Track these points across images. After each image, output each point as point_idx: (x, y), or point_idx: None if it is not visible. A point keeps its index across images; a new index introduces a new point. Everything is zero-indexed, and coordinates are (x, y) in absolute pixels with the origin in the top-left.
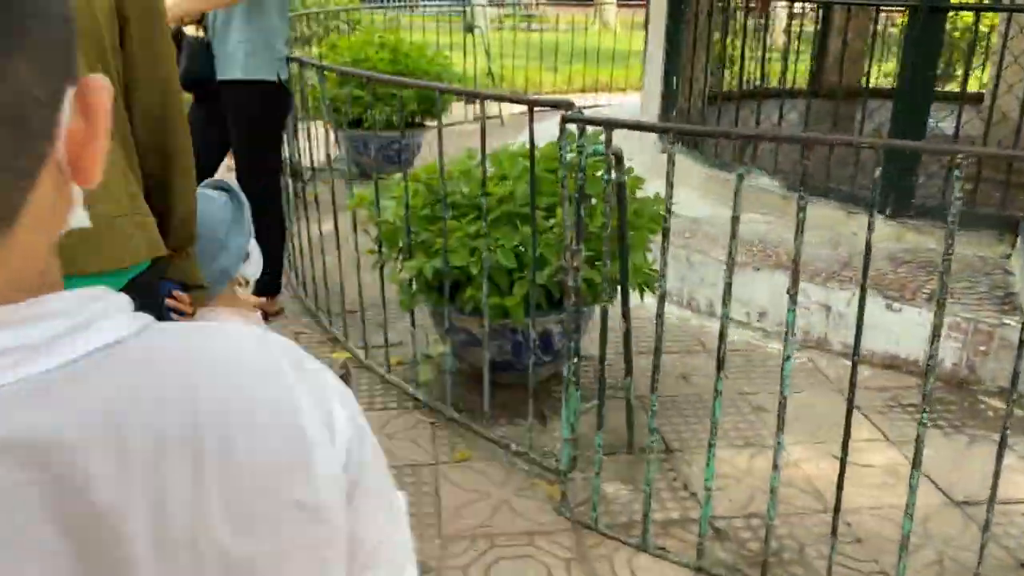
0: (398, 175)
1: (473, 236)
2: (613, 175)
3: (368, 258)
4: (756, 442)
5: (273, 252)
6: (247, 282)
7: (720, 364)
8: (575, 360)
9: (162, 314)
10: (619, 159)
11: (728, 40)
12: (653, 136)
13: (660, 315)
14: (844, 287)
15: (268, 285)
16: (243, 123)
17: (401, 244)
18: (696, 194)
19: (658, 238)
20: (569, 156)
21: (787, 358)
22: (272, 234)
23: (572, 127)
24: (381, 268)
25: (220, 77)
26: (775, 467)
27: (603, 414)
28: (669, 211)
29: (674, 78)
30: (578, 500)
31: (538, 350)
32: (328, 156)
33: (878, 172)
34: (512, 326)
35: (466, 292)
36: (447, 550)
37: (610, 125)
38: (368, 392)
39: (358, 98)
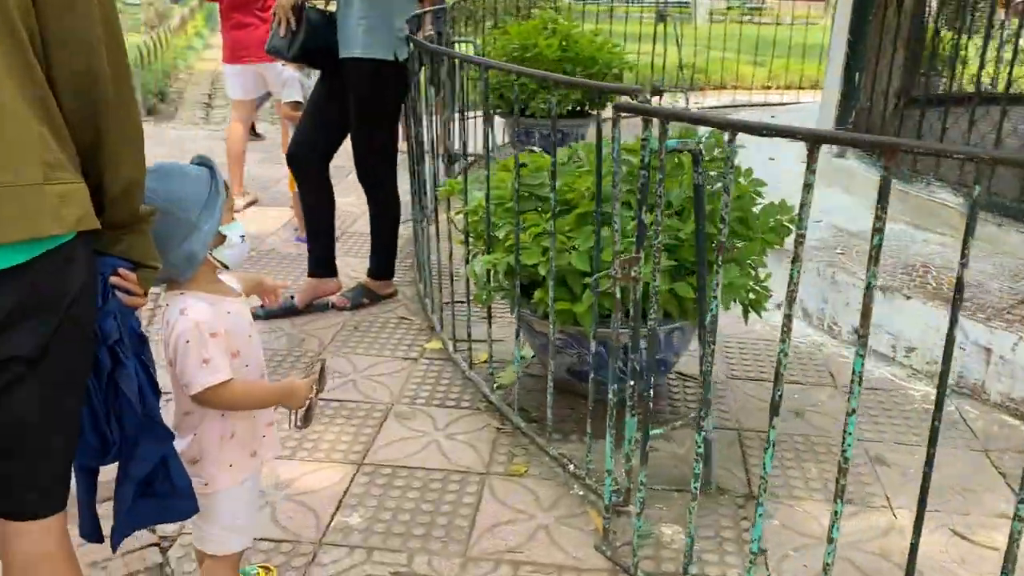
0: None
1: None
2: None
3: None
4: (859, 500)
5: (384, 235)
6: (224, 267)
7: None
8: (631, 383)
9: (105, 290)
10: (696, 157)
11: (946, 35)
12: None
13: (786, 330)
14: (1012, 328)
15: (380, 268)
16: (358, 101)
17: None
18: (860, 204)
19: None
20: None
21: (938, 407)
22: (384, 217)
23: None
24: (466, 261)
25: (341, 54)
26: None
27: (647, 449)
28: (797, 222)
29: (856, 75)
30: (627, 538)
31: (621, 364)
32: (487, 142)
33: None
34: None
35: (537, 294)
36: (466, 570)
37: (663, 116)
38: (446, 388)
39: (523, 85)
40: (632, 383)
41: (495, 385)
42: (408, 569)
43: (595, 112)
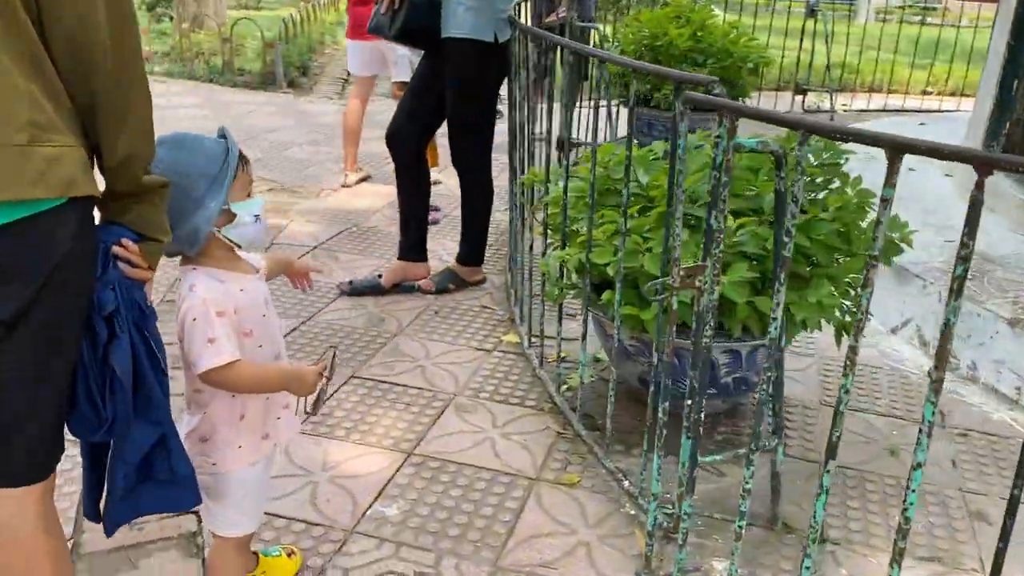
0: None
1: (628, 232)
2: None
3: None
4: (949, 560)
5: (475, 220)
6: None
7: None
8: (689, 403)
9: (106, 260)
10: (778, 160)
11: None
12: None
13: (850, 364)
14: None
15: (469, 254)
16: (455, 82)
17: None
18: (1006, 224)
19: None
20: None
21: None
22: (476, 201)
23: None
24: (543, 253)
25: (442, 33)
26: None
27: (694, 476)
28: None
29: (1014, 83)
30: (670, 568)
31: (674, 379)
32: (594, 133)
33: None
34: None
35: (605, 295)
36: None
37: (729, 111)
38: (513, 384)
39: (645, 75)
40: (689, 402)
41: (562, 387)
42: (434, 571)
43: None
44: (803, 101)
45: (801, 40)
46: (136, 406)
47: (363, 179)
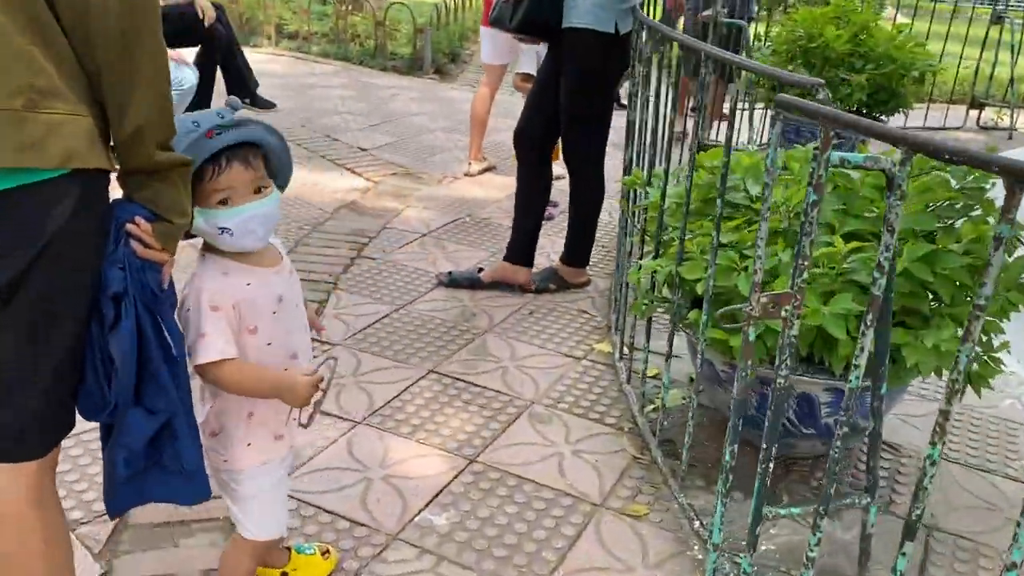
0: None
1: (726, 247)
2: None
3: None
4: None
5: (583, 219)
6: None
7: None
8: (764, 446)
9: (117, 237)
10: (890, 180)
11: None
12: None
13: (940, 431)
14: None
15: (573, 254)
16: (573, 72)
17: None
18: None
19: None
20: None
21: None
22: (584, 200)
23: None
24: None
25: (563, 23)
26: None
27: (757, 532)
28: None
29: None
30: None
31: (792, 416)
32: (728, 139)
33: None
34: (763, 375)
35: (692, 315)
36: None
37: (825, 119)
38: (596, 397)
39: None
40: (765, 447)
41: (647, 407)
42: None
43: (884, 118)
44: (978, 116)
45: (982, 49)
46: (141, 392)
47: (487, 169)
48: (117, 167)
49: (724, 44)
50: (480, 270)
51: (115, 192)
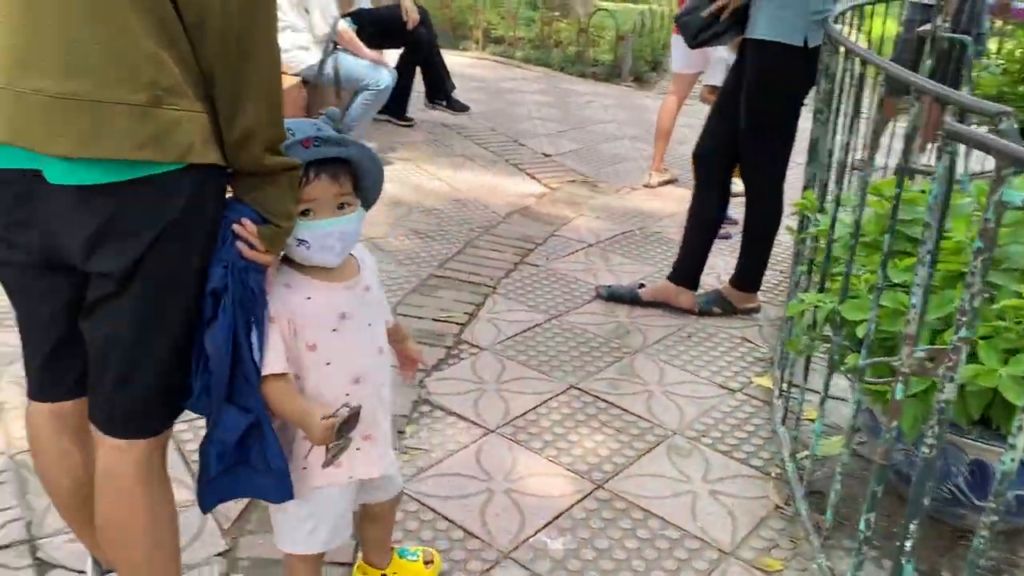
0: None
1: (897, 287)
2: None
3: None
4: None
5: (755, 241)
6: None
7: None
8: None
9: (224, 236)
10: None
11: None
12: None
13: None
14: None
15: (743, 277)
16: (754, 84)
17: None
18: None
19: None
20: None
21: None
22: (759, 220)
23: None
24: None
25: (747, 34)
26: None
27: None
28: None
29: None
30: None
31: (962, 483)
32: (905, 159)
33: None
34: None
35: (850, 359)
36: None
37: (999, 152)
38: (745, 436)
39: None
40: (914, 524)
41: (799, 452)
42: None
43: None
44: None
45: None
46: (233, 390)
47: (668, 181)
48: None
49: (945, 62)
50: (641, 286)
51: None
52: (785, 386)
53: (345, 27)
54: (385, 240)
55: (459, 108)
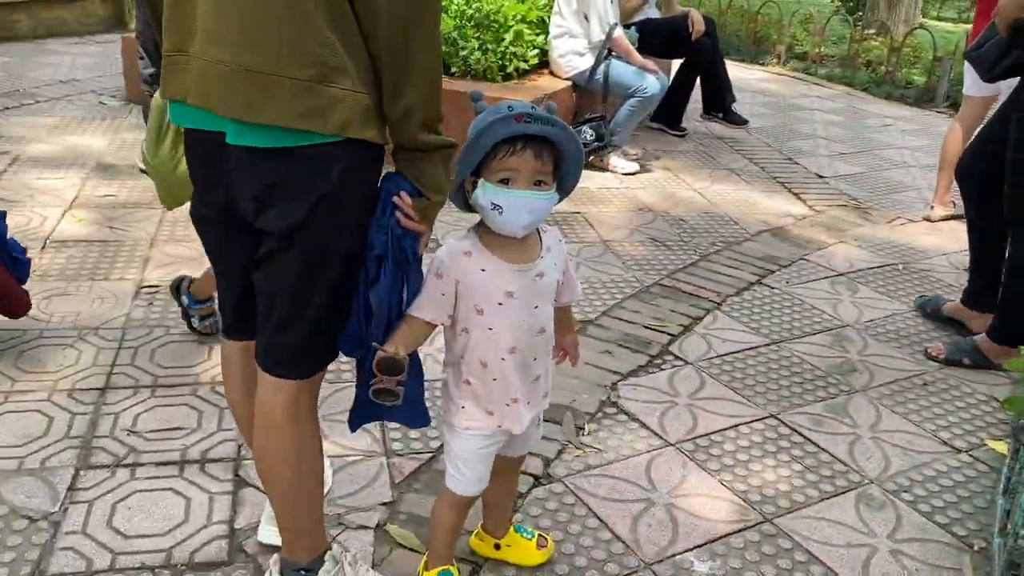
0: None
1: None
2: None
3: None
4: None
5: (1017, 288)
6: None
7: None
8: None
9: (384, 206)
10: None
11: None
12: None
13: None
14: None
15: (1000, 329)
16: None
17: None
18: None
19: None
20: None
21: None
22: (1021, 261)
23: None
24: None
25: None
26: None
27: None
28: None
29: None
30: None
31: None
32: None
33: None
34: None
35: None
36: None
37: None
38: (955, 501)
39: None
40: None
41: (1017, 527)
42: None
43: None
44: None
45: None
46: (385, 336)
47: (951, 217)
48: (389, 143)
49: None
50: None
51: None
52: (1019, 453)
53: (620, 34)
54: (620, 244)
55: (737, 121)
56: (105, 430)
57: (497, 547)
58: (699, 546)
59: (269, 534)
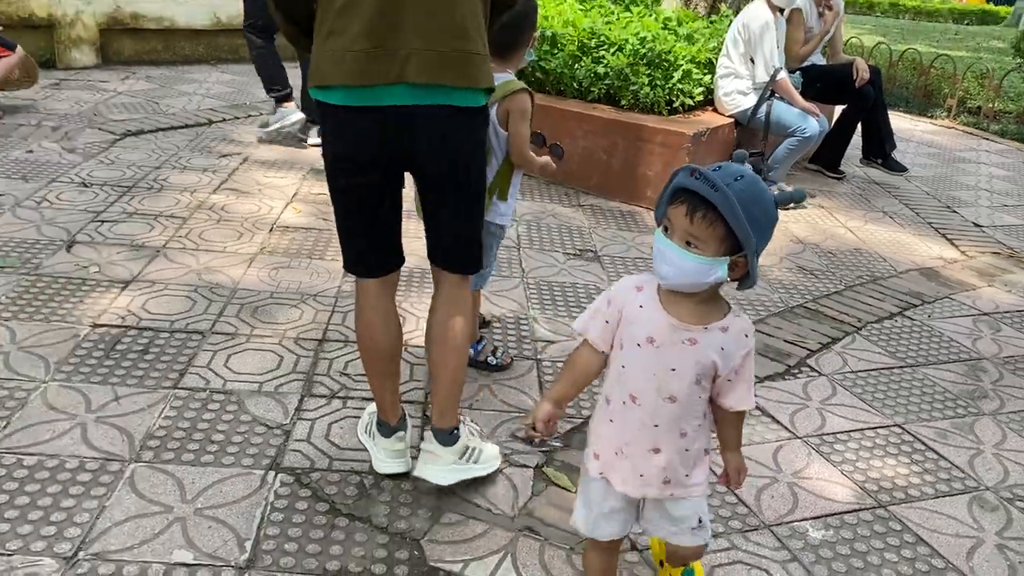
0: None
1: None
2: None
3: None
4: None
5: None
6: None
7: None
8: None
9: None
10: None
11: None
12: None
13: None
14: None
15: None
16: None
17: None
18: None
19: None
20: None
21: None
22: None
23: None
24: None
25: None
26: None
27: None
28: None
29: None
30: None
31: None
32: None
33: None
34: None
35: None
36: None
37: None
38: None
39: None
40: None
41: None
42: None
43: None
44: None
45: None
46: None
47: None
48: None
49: None
50: None
51: None
52: None
53: (783, 76)
54: (768, 268)
55: (896, 168)
56: (323, 370)
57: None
58: (816, 517)
59: (384, 466)
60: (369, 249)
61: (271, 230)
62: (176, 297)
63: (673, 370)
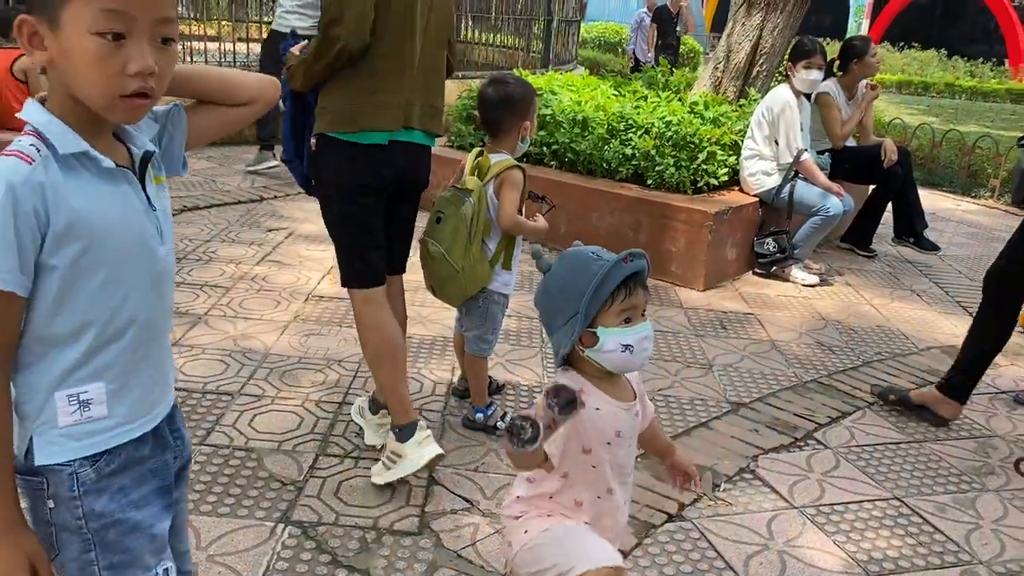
0: None
1: None
2: None
3: None
4: None
5: (977, 352)
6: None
7: None
8: None
9: None
10: None
11: None
12: None
13: None
14: None
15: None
16: None
17: None
18: None
19: None
20: None
21: None
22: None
23: None
24: None
25: None
26: None
27: None
28: None
29: None
30: None
31: None
32: None
33: None
34: None
35: None
36: None
37: None
38: None
39: None
40: None
41: None
42: None
43: None
44: None
45: None
46: None
47: None
48: None
49: None
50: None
51: None
52: None
53: (807, 157)
54: (787, 344)
55: (927, 247)
56: (339, 431)
57: None
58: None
59: (425, 454)
60: (380, 259)
61: (306, 299)
62: (212, 360)
63: (630, 446)
